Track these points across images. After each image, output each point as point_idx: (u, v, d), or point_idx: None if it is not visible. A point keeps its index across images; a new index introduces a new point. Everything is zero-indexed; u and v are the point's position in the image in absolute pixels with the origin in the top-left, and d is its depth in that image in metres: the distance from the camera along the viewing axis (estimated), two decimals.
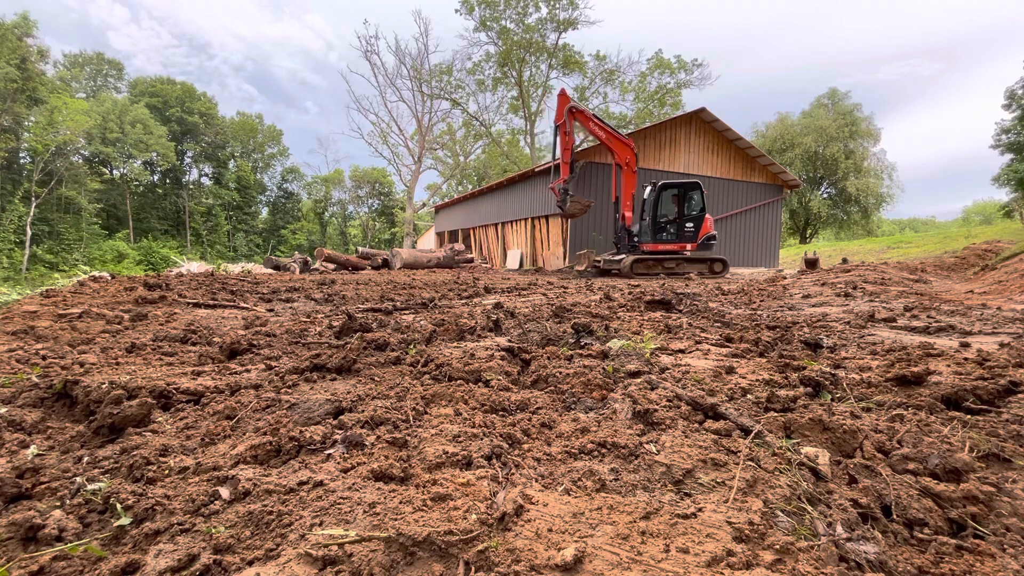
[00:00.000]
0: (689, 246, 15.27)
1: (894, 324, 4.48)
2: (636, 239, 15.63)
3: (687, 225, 15.26)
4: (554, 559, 1.08)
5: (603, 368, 2.65)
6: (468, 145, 49.60)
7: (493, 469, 1.55)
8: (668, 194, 15.37)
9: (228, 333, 3.70)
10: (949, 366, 2.73)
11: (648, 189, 15.71)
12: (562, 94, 15.76)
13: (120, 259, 42.45)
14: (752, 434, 1.76)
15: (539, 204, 22.84)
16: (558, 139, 15.77)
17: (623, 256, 15.03)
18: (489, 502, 1.32)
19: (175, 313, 4.75)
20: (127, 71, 65.04)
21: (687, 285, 9.82)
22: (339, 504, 1.31)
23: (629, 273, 14.35)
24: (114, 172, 50.40)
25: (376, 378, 2.56)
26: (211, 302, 5.68)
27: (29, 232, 36.66)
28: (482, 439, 1.73)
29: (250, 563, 1.12)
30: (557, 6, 38.39)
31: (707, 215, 15.40)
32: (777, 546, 1.13)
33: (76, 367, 2.58)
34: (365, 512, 1.27)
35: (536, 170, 23.13)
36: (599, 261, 15.42)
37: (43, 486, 1.44)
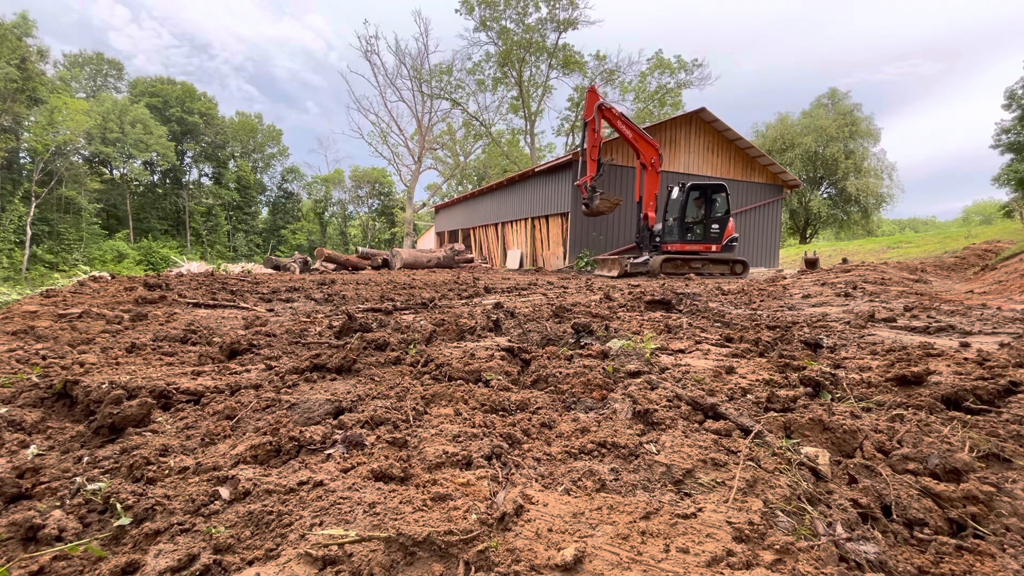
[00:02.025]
0: (714, 247, 15.35)
1: (894, 324, 4.48)
2: (658, 239, 15.64)
3: (713, 226, 15.35)
4: (554, 559, 1.08)
5: (603, 368, 2.65)
6: (468, 145, 49.62)
7: (493, 469, 1.55)
8: (695, 195, 15.44)
9: (228, 333, 3.70)
10: (949, 366, 2.73)
11: (676, 190, 15.71)
12: (591, 91, 15.69)
13: (120, 259, 42.45)
14: (752, 434, 1.76)
15: (539, 204, 22.84)
16: (585, 135, 15.64)
17: (647, 256, 15.06)
18: (489, 502, 1.32)
19: (175, 313, 4.75)
20: (127, 71, 65.20)
21: (687, 285, 9.82)
22: (339, 504, 1.31)
23: (658, 272, 14.41)
24: (114, 172, 50.41)
25: (376, 378, 2.56)
26: (211, 302, 5.68)
27: (29, 232, 36.67)
28: (482, 439, 1.73)
29: (250, 563, 1.12)
30: (557, 6, 38.39)
31: (731, 217, 15.49)
32: (777, 546, 1.13)
33: (76, 367, 2.58)
34: (365, 512, 1.27)
35: (536, 170, 23.15)
36: (627, 266, 15.41)
37: (43, 486, 1.44)
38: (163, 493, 1.40)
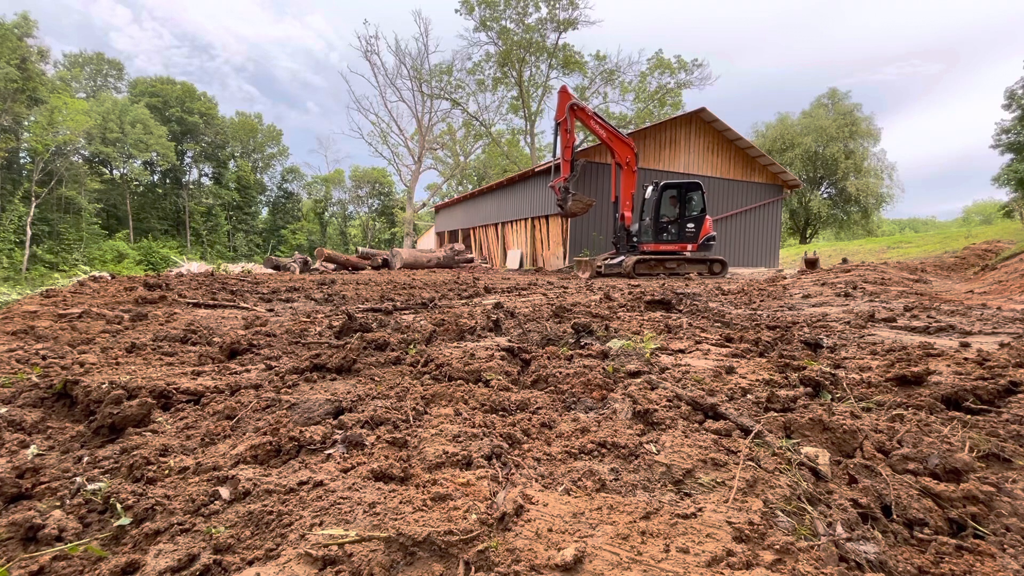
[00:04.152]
0: (690, 246, 15.22)
1: (894, 324, 4.48)
2: (635, 239, 15.58)
3: (688, 226, 15.20)
4: (554, 559, 1.08)
5: (603, 368, 2.65)
6: (468, 145, 49.62)
7: (493, 469, 1.55)
8: (669, 194, 15.32)
9: (228, 333, 3.70)
10: (949, 366, 2.73)
11: (649, 189, 15.63)
12: (563, 91, 15.66)
13: (120, 259, 42.43)
14: (752, 434, 1.76)
15: (539, 204, 22.84)
16: (559, 137, 15.70)
17: (623, 257, 14.96)
18: (489, 502, 1.32)
19: (175, 313, 4.74)
20: (128, 71, 65.21)
21: (687, 285, 9.82)
22: (339, 504, 1.31)
23: (631, 273, 14.31)
24: (114, 172, 50.39)
25: (376, 378, 2.56)
26: (211, 302, 5.68)
27: (29, 232, 36.65)
28: (482, 439, 1.73)
29: (250, 563, 1.12)
30: (557, 6, 38.38)
31: (707, 216, 15.36)
32: (777, 546, 1.13)
33: (76, 367, 2.58)
34: (365, 512, 1.27)
35: (536, 170, 23.15)
36: (600, 267, 15.31)
37: (43, 486, 1.44)
38: (163, 493, 1.40)
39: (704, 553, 1.12)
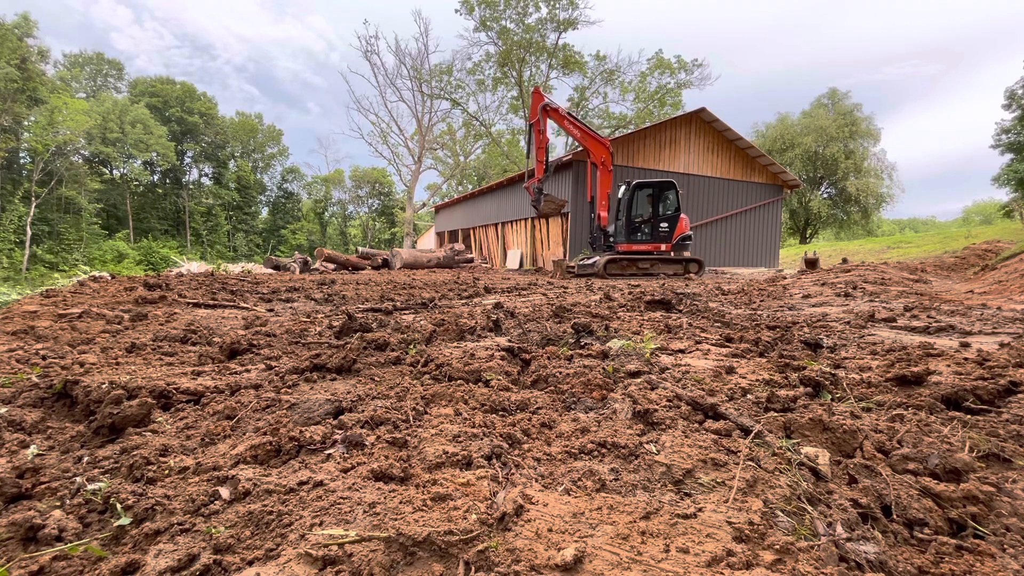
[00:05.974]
0: (664, 246, 15.11)
1: (894, 324, 4.48)
2: (612, 239, 15.50)
3: (662, 225, 15.09)
4: (554, 559, 1.08)
5: (603, 368, 2.65)
6: (468, 145, 49.59)
7: (493, 469, 1.55)
8: (642, 193, 15.20)
9: (228, 333, 3.70)
10: (949, 366, 2.73)
11: (622, 188, 15.51)
12: (536, 92, 15.54)
13: (120, 259, 42.42)
14: (752, 434, 1.76)
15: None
16: (532, 138, 15.58)
17: (596, 258, 14.87)
18: (489, 502, 1.32)
19: (175, 313, 4.74)
20: (129, 72, 65.18)
21: (687, 285, 9.82)
22: (339, 504, 1.31)
23: (603, 274, 14.18)
24: (114, 172, 50.39)
25: (376, 378, 2.56)
26: (211, 302, 5.68)
27: (29, 232, 36.65)
28: (482, 439, 1.73)
29: (250, 563, 1.12)
30: (557, 6, 38.35)
31: (682, 215, 15.22)
32: (777, 546, 1.13)
33: (76, 367, 2.58)
34: (365, 512, 1.27)
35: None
36: (573, 267, 15.23)
37: (43, 486, 1.44)
38: (163, 493, 1.40)
39: (704, 553, 1.12)
